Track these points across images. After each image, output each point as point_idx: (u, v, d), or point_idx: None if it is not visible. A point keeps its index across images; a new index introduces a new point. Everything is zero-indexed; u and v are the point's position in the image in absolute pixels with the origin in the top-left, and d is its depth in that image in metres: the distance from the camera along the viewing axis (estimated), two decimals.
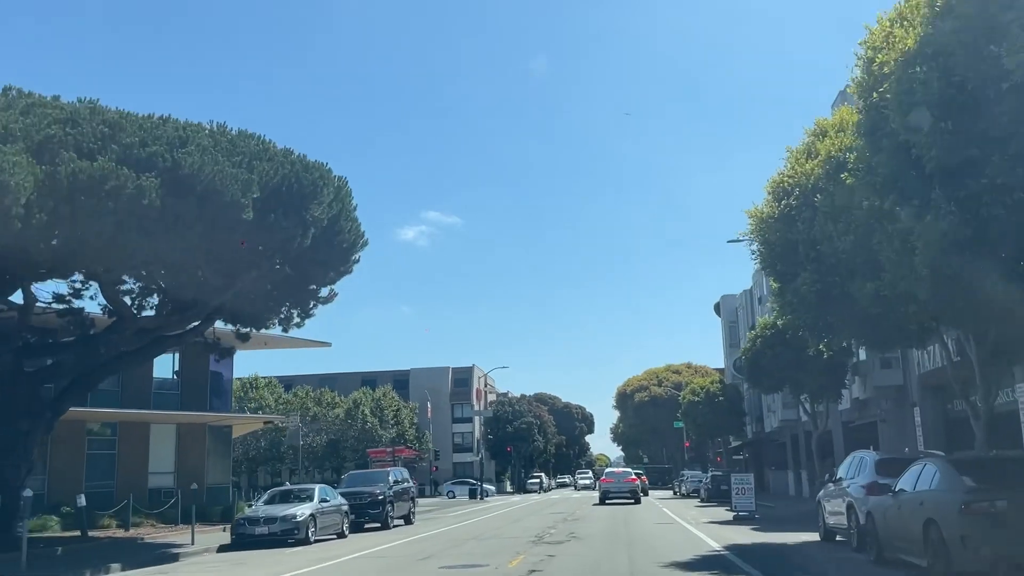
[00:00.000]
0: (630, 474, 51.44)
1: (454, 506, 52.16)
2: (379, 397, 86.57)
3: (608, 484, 47.85)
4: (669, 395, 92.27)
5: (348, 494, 29.09)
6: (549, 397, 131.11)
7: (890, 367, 29.58)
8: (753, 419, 58.98)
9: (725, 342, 67.67)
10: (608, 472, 55.41)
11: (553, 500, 60.21)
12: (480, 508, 48.20)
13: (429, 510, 45.98)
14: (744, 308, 61.45)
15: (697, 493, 53.88)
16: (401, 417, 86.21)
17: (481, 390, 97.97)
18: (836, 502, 17.24)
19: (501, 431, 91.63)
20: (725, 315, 67.57)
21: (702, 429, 57.21)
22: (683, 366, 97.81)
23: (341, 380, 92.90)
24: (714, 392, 56.35)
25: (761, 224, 18.69)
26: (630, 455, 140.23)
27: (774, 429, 52.02)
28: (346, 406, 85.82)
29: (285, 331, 28.04)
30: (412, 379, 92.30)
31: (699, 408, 56.24)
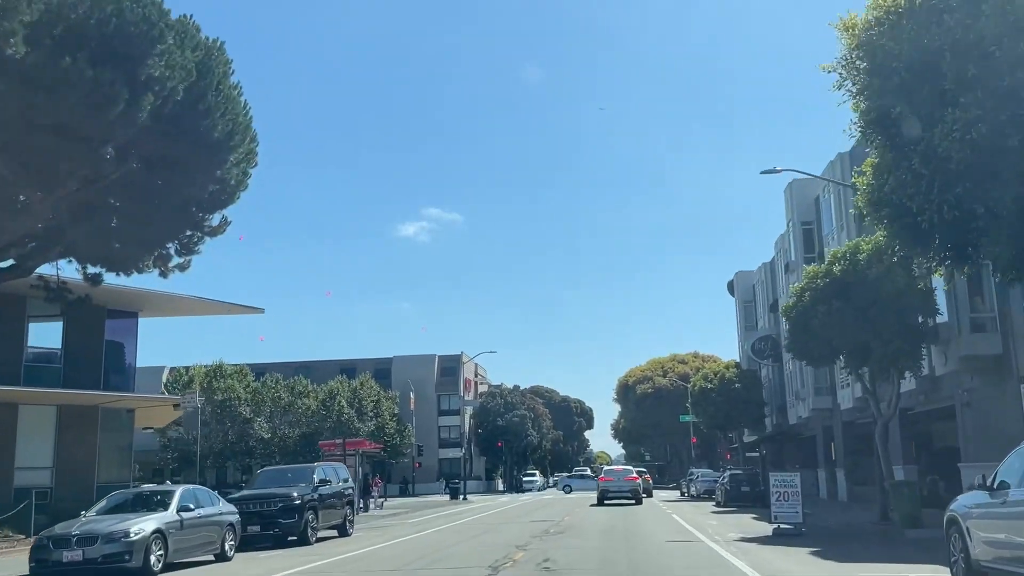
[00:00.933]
0: (630, 472, 44.83)
1: (425, 509, 44.69)
2: (357, 387, 79.10)
3: (607, 483, 42.55)
4: (675, 387, 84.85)
5: (248, 499, 21.59)
6: (546, 390, 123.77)
7: (984, 330, 21.99)
8: (773, 410, 51.38)
9: (740, 324, 60.09)
10: (607, 470, 48.08)
11: (545, 501, 52.76)
12: (454, 511, 40.75)
13: (391, 515, 38.51)
14: (764, 283, 53.81)
15: (710, 495, 46.50)
16: (381, 409, 78.69)
17: (471, 380, 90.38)
18: (1006, 526, 9.67)
19: (491, 425, 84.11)
20: (740, 294, 59.99)
21: (714, 421, 49.64)
22: (690, 356, 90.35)
23: (318, 368, 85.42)
24: (729, 378, 48.78)
25: (869, 34, 10.80)
26: (631, 453, 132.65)
27: (801, 421, 44.43)
28: (320, 396, 78.40)
29: (163, 275, 20.49)
30: (395, 368, 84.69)
31: (711, 397, 48.68)
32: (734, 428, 51.20)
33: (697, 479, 50.81)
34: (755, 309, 57.93)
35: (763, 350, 50.11)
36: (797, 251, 41.34)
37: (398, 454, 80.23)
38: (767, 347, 50.10)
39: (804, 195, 41.38)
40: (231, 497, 21.67)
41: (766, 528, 22.18)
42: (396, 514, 38.84)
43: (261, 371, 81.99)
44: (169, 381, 78.39)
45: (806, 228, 41.17)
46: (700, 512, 33.43)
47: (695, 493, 50.39)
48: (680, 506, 39.40)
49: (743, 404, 48.12)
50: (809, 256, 40.51)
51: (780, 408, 50.47)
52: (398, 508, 44.51)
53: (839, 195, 34.68)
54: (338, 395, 77.89)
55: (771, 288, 52.46)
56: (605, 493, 42.23)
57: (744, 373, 50.01)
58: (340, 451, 38.61)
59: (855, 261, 21.32)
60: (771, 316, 52.12)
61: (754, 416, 48.57)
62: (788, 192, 42.70)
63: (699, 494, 49.50)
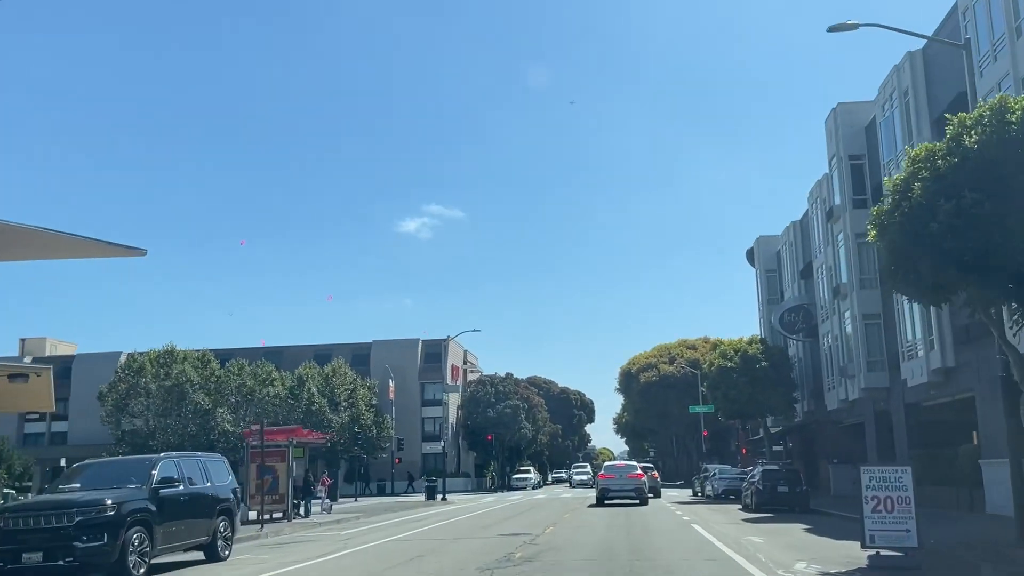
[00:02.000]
0: (635, 468, 37.72)
1: (385, 513, 36.64)
2: (330, 373, 71.09)
3: (608, 481, 36.74)
4: (683, 374, 76.87)
5: (23, 512, 13.61)
6: (544, 381, 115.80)
7: None
8: (805, 394, 43.28)
9: (761, 297, 51.96)
10: (608, 466, 40.19)
11: (536, 502, 44.79)
12: (416, 517, 32.75)
13: (332, 522, 30.45)
14: (792, 246, 45.64)
15: (731, 495, 38.70)
16: (357, 398, 70.69)
17: (459, 368, 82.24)
18: None
19: (481, 416, 75.95)
20: (762, 262, 51.85)
21: (734, 408, 41.43)
22: (699, 341, 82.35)
23: (290, 354, 77.42)
24: (754, 355, 40.64)
25: None
26: (635, 449, 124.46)
27: (843, 405, 36.32)
28: (288, 383, 70.39)
29: None
30: (374, 353, 76.56)
31: (731, 378, 40.55)
32: (757, 416, 43.04)
33: (714, 477, 42.81)
34: (780, 278, 49.86)
35: (793, 323, 42.03)
36: (844, 192, 33.29)
37: (376, 448, 72.26)
38: (798, 319, 42.03)
39: (852, 123, 33.32)
40: None
41: (843, 551, 14.45)
42: (340, 521, 30.80)
43: (227, 357, 74.03)
44: (122, 367, 70.47)
45: (855, 163, 33.07)
46: (728, 520, 25.33)
47: (712, 493, 42.43)
48: (697, 510, 31.32)
49: (770, 386, 40.02)
50: (860, 198, 32.46)
51: (814, 392, 42.37)
52: (351, 512, 36.49)
53: (908, 102, 26.53)
54: (308, 382, 69.98)
55: (801, 251, 44.36)
56: (605, 493, 35.98)
57: (771, 350, 41.89)
58: (274, 441, 30.51)
59: (1003, 130, 13.17)
60: (801, 284, 44.04)
61: (784, 401, 40.40)
62: (831, 122, 34.58)
63: (717, 494, 41.58)
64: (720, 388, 41.01)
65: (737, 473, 43.33)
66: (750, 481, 30.48)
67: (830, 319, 37.46)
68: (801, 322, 41.72)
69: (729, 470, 44.35)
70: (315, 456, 69.81)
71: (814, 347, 42.31)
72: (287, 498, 29.95)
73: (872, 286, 32.21)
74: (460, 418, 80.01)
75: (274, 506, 30.02)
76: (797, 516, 26.27)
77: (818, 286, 39.79)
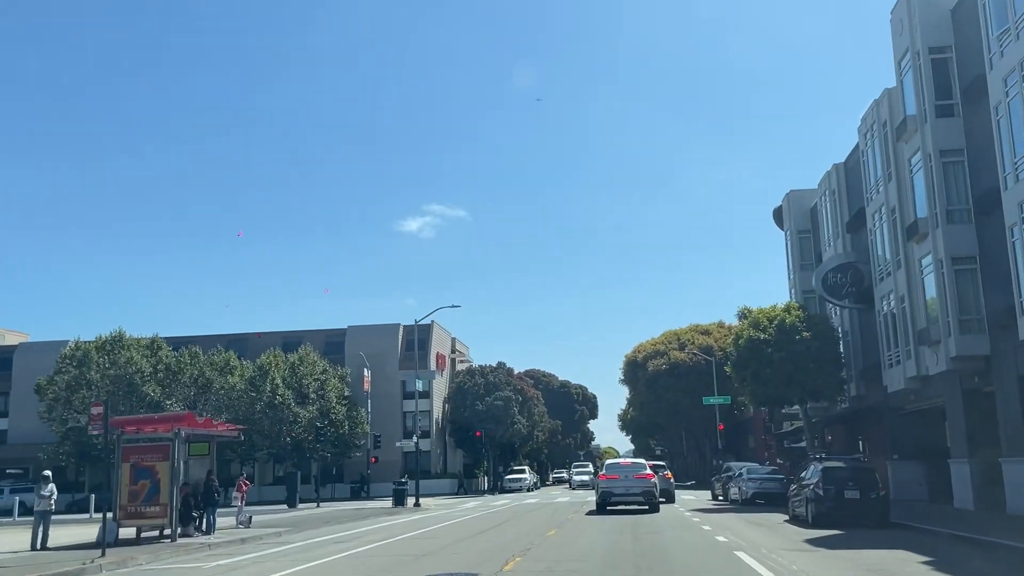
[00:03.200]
0: (643, 467, 30.30)
1: (327, 525, 28.43)
2: (296, 361, 62.88)
3: (610, 483, 29.85)
4: (695, 362, 68.70)
5: None
6: (543, 374, 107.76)
7: None
8: (854, 374, 35.01)
9: (792, 263, 43.65)
10: (610, 465, 32.19)
11: (523, 508, 36.78)
12: (358, 533, 24.59)
13: (234, 540, 22.22)
14: (834, 194, 37.35)
15: (760, 500, 30.84)
16: (327, 389, 62.47)
17: (445, 357, 74.02)
18: None
19: (468, 410, 67.78)
20: (793, 222, 43.55)
21: (768, 391, 33.04)
22: (714, 325, 74.07)
23: (255, 341, 69.22)
24: (793, 325, 32.32)
25: None
26: (641, 447, 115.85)
27: (914, 384, 28.05)
28: (248, 373, 62.24)
29: None
30: (349, 339, 68.22)
31: (765, 354, 32.23)
32: (796, 402, 34.69)
33: (741, 477, 34.64)
34: (817, 238, 41.60)
35: (839, 285, 33.77)
36: (921, 98, 24.99)
37: (350, 446, 64.10)
38: (845, 280, 33.78)
39: (933, 7, 25.08)
40: None
41: None
42: (246, 541, 22.65)
43: (182, 344, 65.88)
44: (63, 357, 62.34)
45: (937, 58, 24.77)
46: (784, 542, 17.11)
47: (739, 498, 34.32)
48: (728, 523, 23.10)
49: (814, 364, 31.75)
50: (945, 103, 24.23)
51: (864, 372, 34.09)
52: (275, 527, 28.29)
53: None
54: (271, 371, 61.81)
55: (846, 198, 36.14)
56: (607, 497, 29.45)
57: (814, 319, 33.60)
58: (151, 432, 22.38)
59: None
60: (847, 239, 35.84)
61: (832, 382, 32.06)
62: (901, 11, 26.30)
63: (745, 499, 33.48)
64: (750, 367, 32.66)
65: (768, 472, 35.10)
66: (805, 483, 22.20)
67: (893, 275, 29.23)
68: (849, 284, 33.46)
69: (758, 468, 36.14)
70: (254, 454, 61.71)
71: (865, 316, 34.06)
72: (171, 510, 21.79)
73: (964, 219, 23.99)
74: (446, 412, 71.83)
75: (150, 520, 21.96)
76: (881, 535, 18.08)
77: (873, 237, 31.56)
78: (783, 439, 61.69)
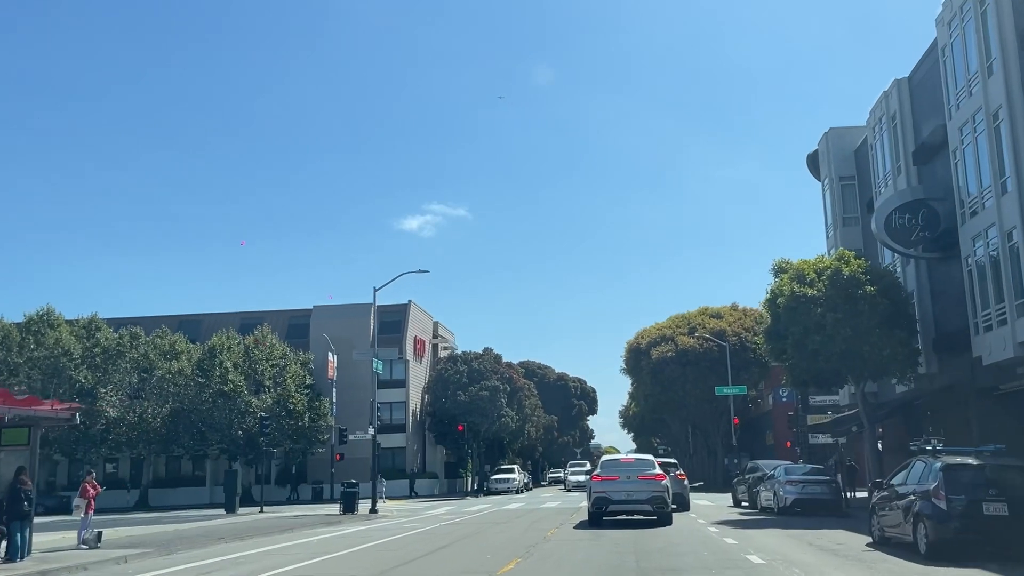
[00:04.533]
0: (650, 465, 23.56)
1: (218, 543, 20.58)
2: (250, 344, 55.07)
3: (606, 485, 22.58)
4: (706, 348, 60.75)
5: None
6: (538, 366, 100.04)
7: None
8: (925, 348, 26.99)
9: (832, 218, 35.70)
10: (607, 463, 24.45)
11: (502, 516, 29.19)
12: (247, 556, 16.79)
13: (65, 569, 14.42)
14: (891, 122, 29.43)
15: (808, 509, 23.15)
16: (286, 376, 54.62)
17: (425, 342, 66.15)
18: None
19: (450, 400, 59.92)
20: (833, 167, 35.63)
21: (818, 364, 24.87)
22: (726, 309, 66.12)
23: (210, 323, 61.36)
24: (853, 277, 24.31)
25: None
26: (643, 446, 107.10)
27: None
28: (196, 356, 54.42)
29: None
30: (315, 321, 60.20)
31: (813, 314, 24.19)
32: (853, 379, 26.55)
33: (776, 479, 26.82)
34: (864, 184, 33.75)
35: (908, 228, 25.86)
36: None
37: (312, 441, 56.23)
38: (916, 222, 25.89)
39: None
40: None
41: None
42: (73, 570, 14.88)
43: (127, 326, 58.08)
44: None
45: None
46: None
47: (773, 505, 26.56)
48: (775, 543, 15.29)
49: (880, 329, 23.76)
50: None
51: (938, 341, 26.13)
52: (149, 544, 20.43)
53: None
54: (221, 355, 54.05)
55: (910, 122, 28.23)
56: (603, 504, 22.15)
57: (878, 271, 25.58)
58: None
59: None
60: (914, 172, 27.92)
61: (905, 353, 23.93)
62: None
63: (783, 507, 25.75)
64: (791, 334, 24.65)
65: (810, 473, 27.19)
66: (906, 492, 14.27)
67: (996, 203, 21.37)
68: (921, 226, 25.58)
69: (796, 468, 28.21)
70: (206, 449, 53.22)
71: (939, 269, 26.19)
72: None
73: None
74: (425, 404, 63.97)
75: None
76: None
77: (957, 160, 23.69)
78: (809, 434, 53.89)
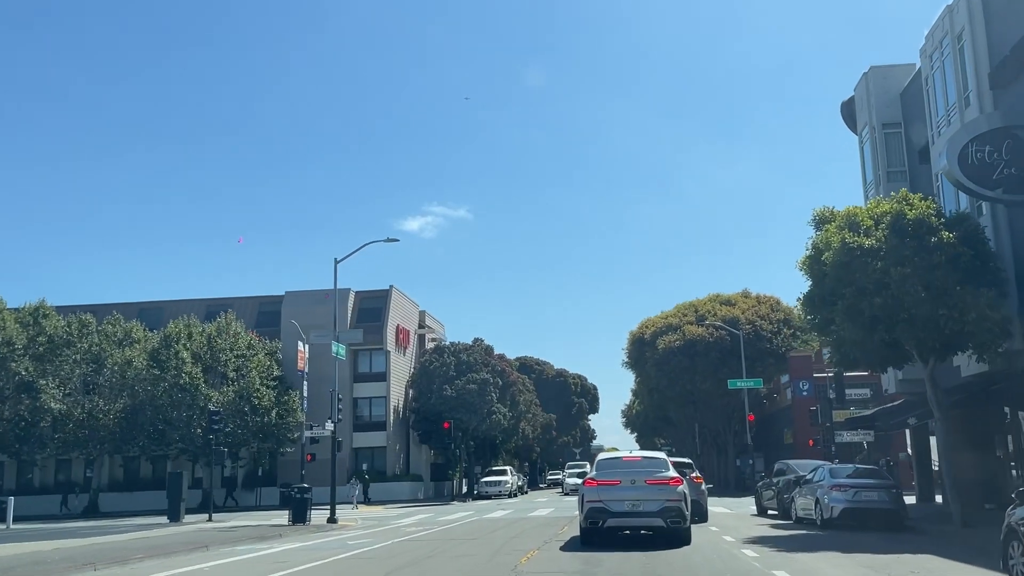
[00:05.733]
0: (661, 466, 17.76)
1: (112, 561, 15.10)
2: (212, 333, 49.57)
3: (605, 492, 16.85)
4: (716, 337, 55.26)
5: None
6: (536, 362, 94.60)
7: None
8: (1013, 311, 21.29)
9: (874, 173, 30.03)
10: (605, 462, 18.56)
11: (477, 529, 23.87)
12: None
13: None
14: (957, 46, 23.83)
15: (863, 522, 17.85)
16: (250, 367, 49.07)
17: (410, 332, 60.59)
18: None
19: (436, 396, 54.37)
20: (876, 112, 30.00)
21: (876, 335, 19.31)
22: (738, 296, 60.60)
23: (173, 310, 55.74)
24: (923, 220, 18.69)
25: None
26: (646, 446, 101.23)
27: None
28: (151, 344, 48.92)
29: None
30: (286, 308, 54.51)
31: (872, 271, 18.57)
32: (923, 354, 20.79)
33: (818, 483, 21.33)
34: (912, 130, 28.16)
35: (990, 164, 20.26)
36: None
37: (282, 439, 50.65)
38: (998, 156, 20.30)
39: None
40: None
41: None
42: None
43: (80, 312, 52.63)
44: None
45: None
46: None
47: (816, 516, 21.14)
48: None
49: (961, 288, 18.12)
50: None
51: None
52: None
53: None
54: (177, 344, 48.57)
55: (985, 39, 22.65)
56: (600, 516, 16.64)
57: (955, 220, 19.92)
58: None
59: None
60: (989, 98, 22.34)
61: (993, 319, 18.19)
62: None
63: (828, 518, 20.35)
64: (844, 296, 18.96)
65: (864, 476, 21.62)
66: None
67: None
68: (1006, 162, 20.00)
69: (841, 469, 22.60)
70: (167, 450, 47.22)
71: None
72: None
73: None
74: (409, 400, 58.43)
75: None
76: None
77: None
78: (835, 431, 48.38)
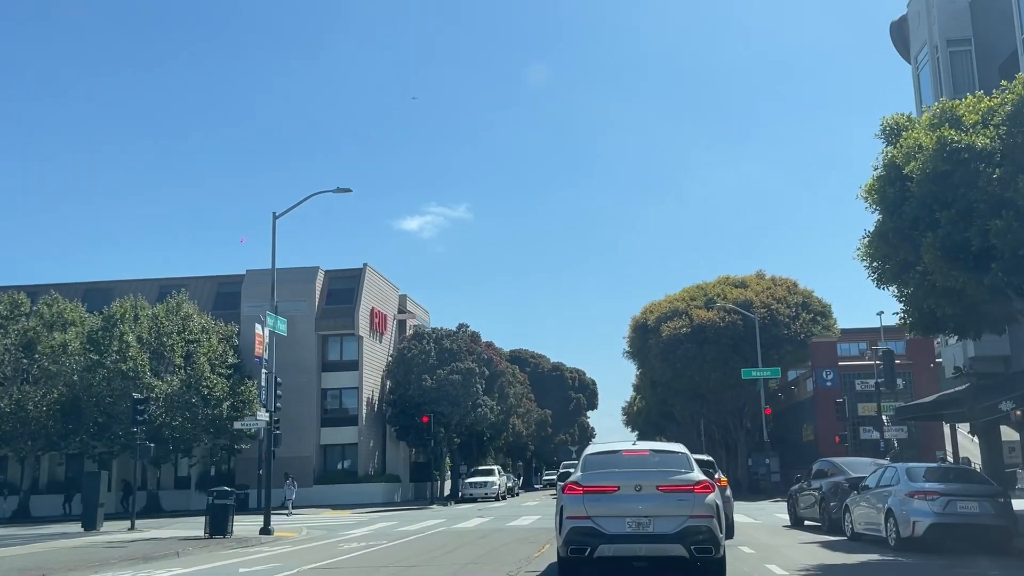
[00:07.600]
0: (680, 464, 11.07)
1: None
2: (161, 314, 43.85)
3: (594, 504, 10.07)
4: (727, 323, 49.48)
5: None
6: (531, 355, 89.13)
7: None
8: None
9: (934, 101, 24.21)
10: (593, 458, 12.13)
11: (448, 541, 18.14)
12: None
13: None
14: None
15: (958, 540, 11.36)
16: (198, 353, 43.33)
17: (387, 316, 54.71)
18: None
19: (414, 387, 48.59)
20: (938, 29, 24.30)
21: (981, 285, 13.64)
22: (752, 277, 54.75)
23: (122, 291, 49.82)
24: None
25: None
26: (647, 440, 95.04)
27: None
28: (88, 327, 43.21)
29: None
30: (247, 289, 48.68)
31: (982, 181, 12.91)
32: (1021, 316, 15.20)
33: (894, 490, 15.57)
34: (986, 46, 22.48)
35: None
36: None
37: (238, 436, 44.84)
38: None
39: None
40: None
41: None
42: None
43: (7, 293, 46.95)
44: None
45: None
46: None
47: (888, 532, 15.37)
48: None
49: None
50: None
51: None
52: None
53: None
54: (120, 325, 42.87)
55: None
56: (586, 543, 10.24)
57: None
58: None
59: None
60: None
61: None
62: None
63: (910, 535, 14.59)
64: (941, 220, 13.27)
65: (955, 475, 15.92)
66: None
67: None
68: None
69: (918, 469, 16.80)
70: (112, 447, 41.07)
71: None
72: None
73: None
74: (386, 391, 52.62)
75: None
76: None
77: None
78: (860, 426, 43.02)
